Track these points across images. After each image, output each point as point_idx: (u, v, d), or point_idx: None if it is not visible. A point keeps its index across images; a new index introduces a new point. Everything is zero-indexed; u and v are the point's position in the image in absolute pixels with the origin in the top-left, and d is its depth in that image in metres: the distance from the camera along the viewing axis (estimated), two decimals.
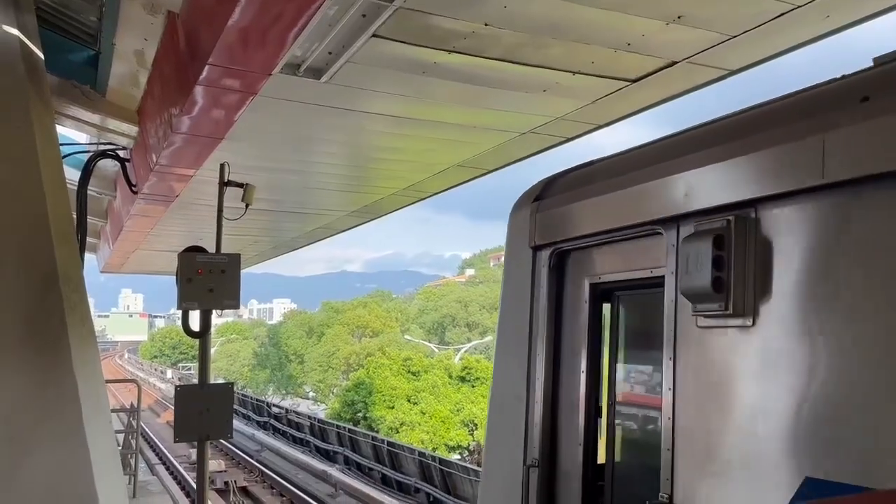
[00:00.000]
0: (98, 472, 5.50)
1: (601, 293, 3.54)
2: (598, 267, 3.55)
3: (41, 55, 7.59)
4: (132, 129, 10.03)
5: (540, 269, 3.79)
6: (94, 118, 9.94)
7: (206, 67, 5.88)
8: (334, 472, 20.37)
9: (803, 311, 2.45)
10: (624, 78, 6.42)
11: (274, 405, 35.33)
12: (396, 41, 5.53)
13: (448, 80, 6.33)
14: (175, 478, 19.71)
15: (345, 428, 25.63)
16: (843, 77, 2.62)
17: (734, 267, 2.59)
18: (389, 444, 21.27)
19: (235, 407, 38.40)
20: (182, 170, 9.25)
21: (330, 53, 5.81)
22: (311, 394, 57.00)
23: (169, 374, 64.30)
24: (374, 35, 5.37)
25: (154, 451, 23.65)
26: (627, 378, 3.48)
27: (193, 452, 23.85)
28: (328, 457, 24.19)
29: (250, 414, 35.17)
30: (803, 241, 2.47)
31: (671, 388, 2.86)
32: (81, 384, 5.79)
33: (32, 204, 6.24)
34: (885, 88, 2.35)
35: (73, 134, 11.95)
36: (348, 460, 22.83)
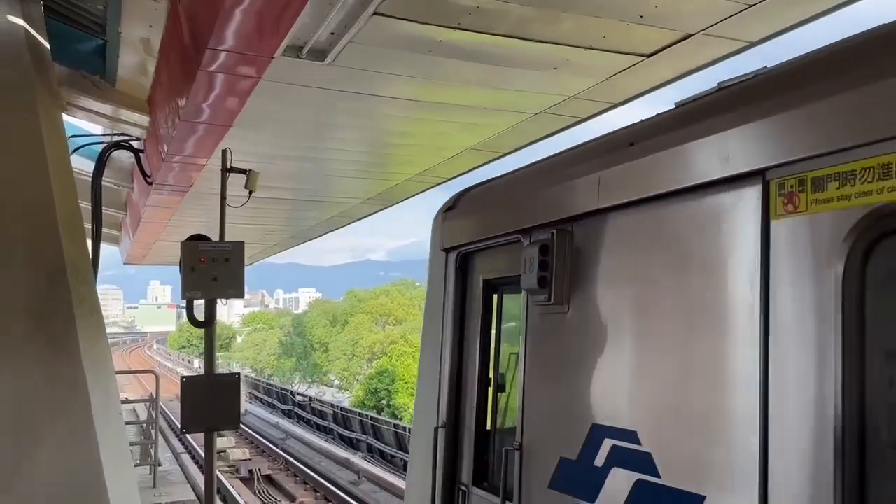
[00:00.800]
0: (107, 464, 5.46)
1: (491, 288, 4.39)
2: (488, 266, 4.39)
3: (47, 45, 7.53)
4: (144, 119, 9.98)
5: (448, 268, 4.66)
6: (106, 109, 9.90)
7: (207, 52, 5.76)
8: (357, 459, 20.43)
9: (602, 299, 3.38)
10: (638, 53, 6.17)
11: (298, 393, 35.58)
12: (399, 19, 5.35)
13: (455, 59, 6.14)
14: (201, 467, 19.92)
15: (367, 416, 25.70)
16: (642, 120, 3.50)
17: (556, 268, 3.49)
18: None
19: (261, 396, 38.81)
20: (193, 159, 9.18)
21: (332, 34, 5.65)
22: (335, 382, 57.39)
23: (196, 363, 65.14)
24: (375, 13, 5.19)
25: (181, 440, 23.91)
26: (506, 356, 4.37)
27: (220, 441, 24.17)
28: (351, 444, 24.28)
29: (275, 402, 35.46)
30: (599, 250, 3.41)
31: (524, 361, 3.83)
32: (90, 377, 5.74)
33: (38, 195, 6.19)
34: (646, 135, 3.19)
35: (88, 125, 11.99)
36: (371, 448, 22.88)
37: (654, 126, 3.25)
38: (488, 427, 4.41)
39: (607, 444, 3.13)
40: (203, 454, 20.34)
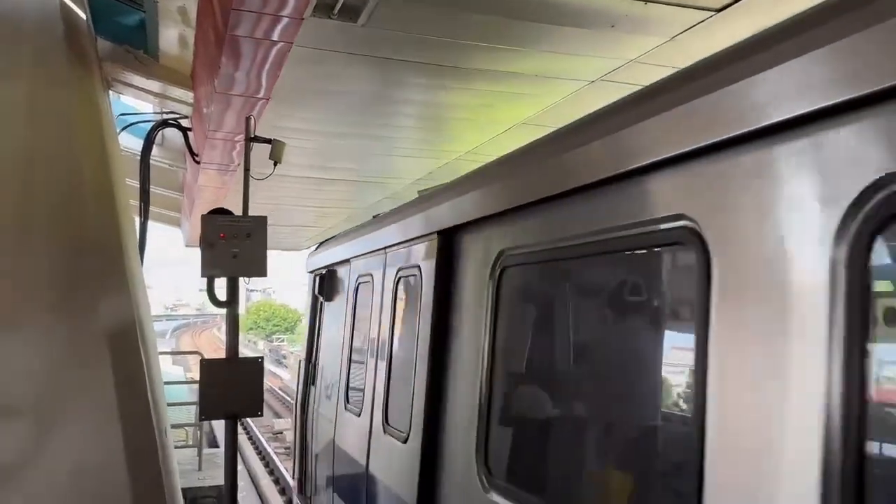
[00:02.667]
0: (129, 450, 5.22)
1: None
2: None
3: (84, 16, 7.34)
4: (189, 96, 9.79)
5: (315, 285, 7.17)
6: (153, 85, 9.75)
7: (232, 13, 5.38)
8: None
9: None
10: (708, 7, 5.47)
11: None
12: None
13: (498, 17, 5.57)
14: (258, 449, 20.06)
15: None
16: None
17: (327, 287, 6.53)
18: None
19: None
20: (234, 135, 8.89)
21: None
22: None
23: (260, 345, 66.66)
24: None
25: (241, 423, 24.13)
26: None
27: (277, 422, 24.35)
28: None
29: None
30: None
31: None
32: (114, 356, 5.49)
33: (67, 170, 5.97)
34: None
35: (140, 104, 11.94)
36: None
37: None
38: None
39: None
40: (259, 436, 20.52)
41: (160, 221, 20.20)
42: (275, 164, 5.74)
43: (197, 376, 5.45)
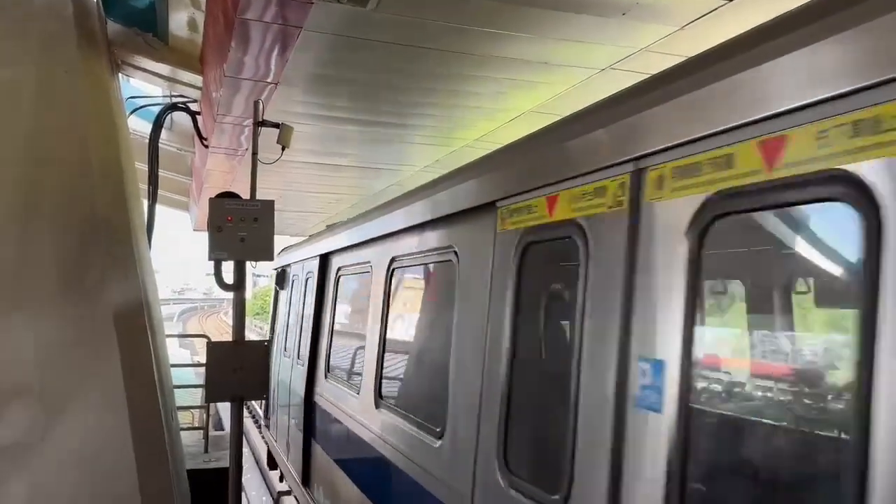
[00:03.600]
0: (136, 430, 5.25)
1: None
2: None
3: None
4: (198, 79, 9.77)
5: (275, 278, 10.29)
6: (162, 69, 9.72)
7: None
8: None
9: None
10: None
11: None
12: None
13: (508, 3, 5.53)
14: (262, 435, 20.12)
15: None
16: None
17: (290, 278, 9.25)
18: None
19: None
20: (242, 119, 8.89)
21: None
22: None
23: (265, 329, 66.81)
24: None
25: (246, 405, 24.26)
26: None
27: None
28: None
29: None
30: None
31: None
32: (121, 340, 5.52)
33: (75, 153, 5.97)
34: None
35: (147, 87, 11.92)
36: None
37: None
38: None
39: None
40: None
41: (168, 205, 20.25)
42: (283, 149, 5.73)
43: (203, 359, 5.48)
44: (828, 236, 1.95)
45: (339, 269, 6.69)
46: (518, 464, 2.88)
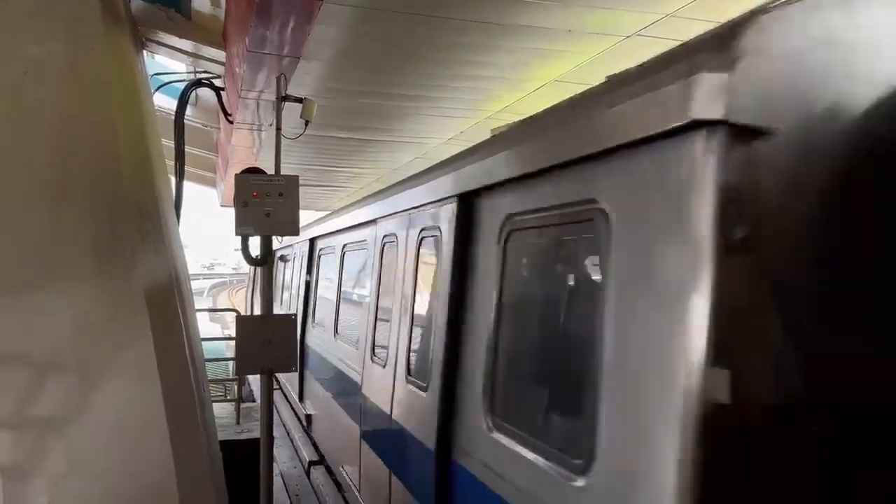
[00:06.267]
0: (168, 401, 5.36)
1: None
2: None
3: None
4: (221, 55, 9.78)
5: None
6: (185, 45, 9.74)
7: None
8: None
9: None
10: None
11: None
12: None
13: None
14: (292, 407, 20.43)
15: None
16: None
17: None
18: None
19: None
20: (266, 95, 8.90)
21: None
22: None
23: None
24: None
25: (276, 378, 24.62)
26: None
27: None
28: None
29: None
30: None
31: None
32: (153, 316, 5.62)
33: (102, 131, 6.02)
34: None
35: (171, 63, 11.97)
36: None
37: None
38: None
39: None
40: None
41: (196, 182, 20.43)
42: (306, 124, 5.74)
43: (233, 333, 5.57)
44: None
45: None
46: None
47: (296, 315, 5.37)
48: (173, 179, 8.59)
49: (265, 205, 4.91)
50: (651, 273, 2.09)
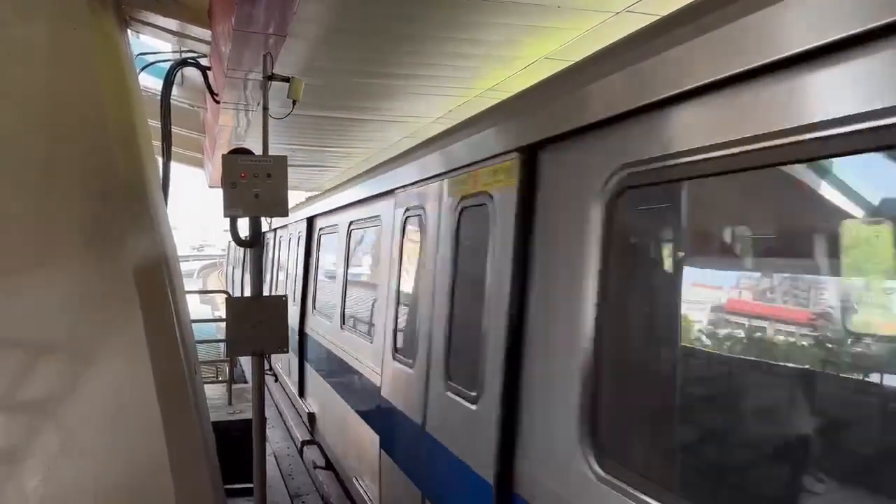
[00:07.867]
0: (160, 385, 5.37)
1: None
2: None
3: None
4: (207, 34, 9.67)
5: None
6: (170, 24, 9.62)
7: None
8: None
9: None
10: None
11: None
12: None
13: None
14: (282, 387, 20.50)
15: None
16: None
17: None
18: None
19: None
20: (252, 74, 8.82)
21: None
22: None
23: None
24: None
25: (267, 359, 24.67)
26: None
27: None
28: None
29: None
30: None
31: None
32: (142, 295, 5.61)
33: (90, 111, 5.96)
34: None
35: (158, 43, 11.82)
36: None
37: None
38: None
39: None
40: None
41: (183, 162, 20.26)
42: (293, 103, 5.70)
43: (224, 314, 5.57)
44: None
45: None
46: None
47: (286, 297, 5.31)
48: (160, 160, 8.53)
49: (253, 186, 4.89)
50: None
